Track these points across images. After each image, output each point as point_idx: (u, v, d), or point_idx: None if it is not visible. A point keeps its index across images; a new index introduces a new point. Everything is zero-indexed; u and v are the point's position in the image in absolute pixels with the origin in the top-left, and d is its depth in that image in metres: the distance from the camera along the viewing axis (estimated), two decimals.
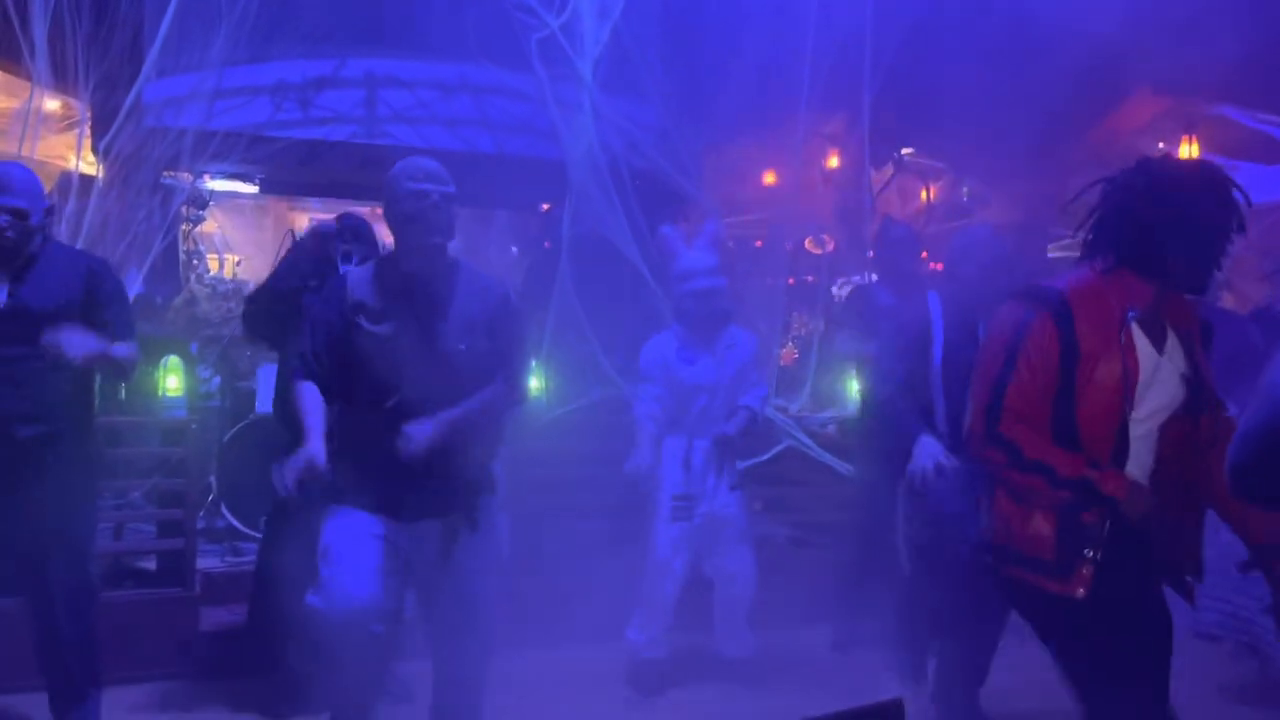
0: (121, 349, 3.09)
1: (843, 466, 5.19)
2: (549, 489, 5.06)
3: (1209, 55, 6.66)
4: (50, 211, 3.20)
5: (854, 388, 5.39)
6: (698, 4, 5.43)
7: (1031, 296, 2.20)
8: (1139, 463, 2.24)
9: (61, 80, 4.56)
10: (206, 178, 6.24)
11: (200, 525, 4.73)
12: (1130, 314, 2.16)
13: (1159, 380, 2.20)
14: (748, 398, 4.17)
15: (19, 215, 3.00)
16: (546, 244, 6.29)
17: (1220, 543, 4.31)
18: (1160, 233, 2.16)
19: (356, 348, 2.77)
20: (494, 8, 4.97)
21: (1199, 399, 2.23)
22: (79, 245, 4.57)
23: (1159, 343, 2.22)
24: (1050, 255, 9.63)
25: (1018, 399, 2.17)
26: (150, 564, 4.44)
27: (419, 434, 2.71)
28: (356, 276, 2.88)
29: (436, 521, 2.83)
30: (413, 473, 2.72)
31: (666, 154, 5.28)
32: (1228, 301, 8.23)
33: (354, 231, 3.79)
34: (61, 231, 4.62)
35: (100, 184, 4.82)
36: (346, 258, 3.70)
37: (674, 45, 5.30)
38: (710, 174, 6.28)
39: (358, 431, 2.79)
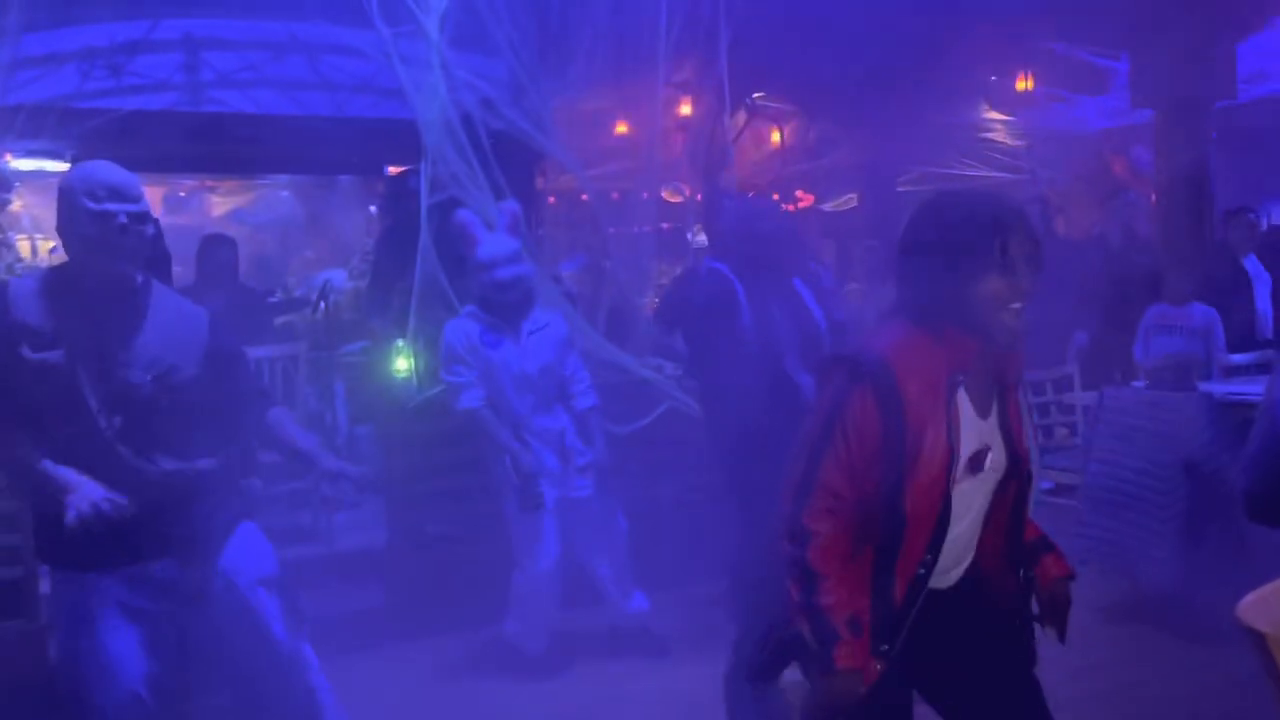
0: None
1: None
2: (425, 473, 4.86)
3: None
4: None
5: None
6: None
7: (852, 362, 1.96)
8: (961, 536, 2.04)
9: None
10: (9, 157, 5.64)
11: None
12: (956, 377, 1.95)
13: (984, 446, 2.01)
14: (580, 399, 4.06)
15: None
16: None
17: (1090, 472, 4.51)
18: (932, 281, 1.95)
19: (19, 379, 2.40)
20: None
21: (1014, 463, 2.05)
22: None
23: (983, 405, 2.02)
24: (900, 190, 9.88)
25: (834, 473, 1.92)
26: None
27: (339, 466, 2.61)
28: (18, 290, 2.48)
29: (175, 558, 2.57)
30: (135, 518, 2.41)
31: (522, 111, 5.03)
32: (1060, 228, 8.62)
33: None
34: None
35: None
36: None
37: None
38: (563, 126, 6.06)
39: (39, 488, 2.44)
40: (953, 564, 2.04)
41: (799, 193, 10.75)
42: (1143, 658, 3.95)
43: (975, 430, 1.98)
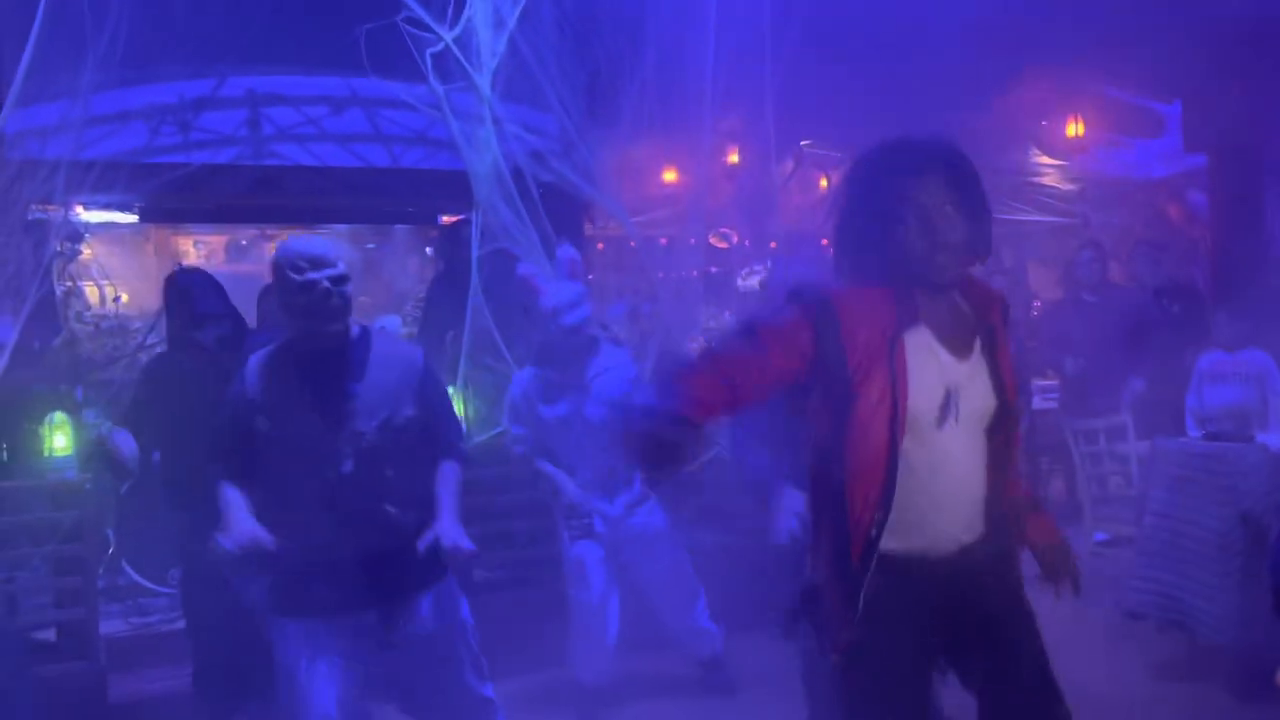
0: None
1: None
2: (474, 518, 4.90)
3: (1090, 35, 6.84)
4: None
5: None
6: (593, 7, 5.30)
7: (796, 295, 1.94)
8: (959, 494, 1.97)
9: None
10: (80, 209, 5.87)
11: (100, 584, 4.45)
12: (903, 327, 1.91)
13: (961, 389, 1.95)
14: None
15: None
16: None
17: (1144, 524, 4.43)
18: (862, 225, 1.95)
19: (264, 451, 2.68)
20: (384, 22, 4.76)
21: (1003, 404, 1.99)
22: None
23: (960, 347, 1.97)
24: None
25: (728, 361, 1.88)
26: (49, 635, 4.14)
27: (452, 538, 2.71)
28: (254, 369, 2.75)
29: (391, 608, 2.75)
30: (356, 566, 2.63)
31: (571, 164, 5.15)
32: (1116, 276, 8.52)
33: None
34: None
35: None
36: None
37: (571, 49, 5.15)
38: (611, 174, 6.19)
39: (289, 530, 2.65)
40: (956, 526, 1.95)
41: None
42: (1198, 714, 3.85)
43: (943, 376, 1.92)
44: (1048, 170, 9.73)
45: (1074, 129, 8.24)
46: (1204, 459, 4.23)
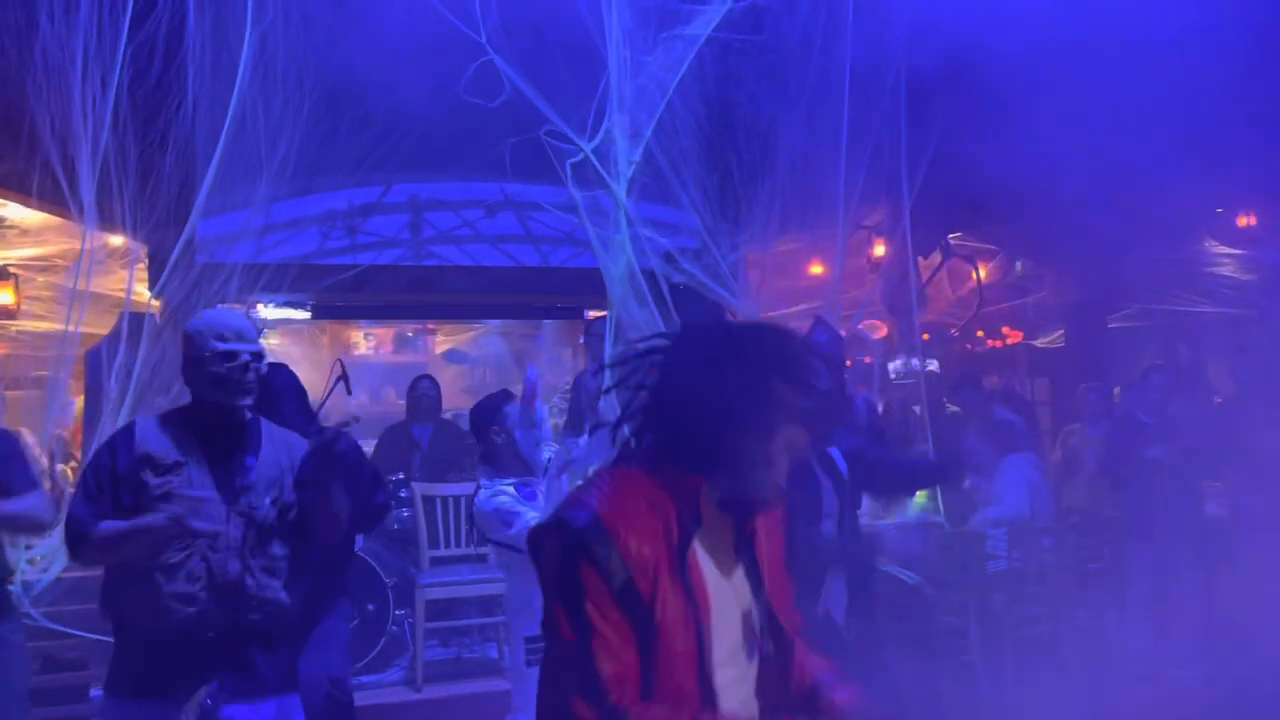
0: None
1: (909, 575, 5.03)
2: None
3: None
4: None
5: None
6: (729, 111, 5.49)
7: (561, 526, 1.58)
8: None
9: (110, 227, 4.73)
10: (259, 306, 6.41)
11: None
12: (692, 526, 1.62)
13: (727, 613, 1.66)
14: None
15: None
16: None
17: None
18: (697, 417, 1.61)
19: (142, 503, 2.61)
20: (531, 135, 5.06)
21: (770, 638, 1.71)
22: (132, 386, 4.67)
23: (725, 562, 1.68)
24: (1111, 327, 9.43)
25: (610, 659, 1.54)
26: None
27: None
28: (144, 426, 2.72)
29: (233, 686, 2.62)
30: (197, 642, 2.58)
31: (703, 266, 5.31)
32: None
33: None
34: (114, 371, 4.73)
35: (156, 324, 4.95)
36: None
37: (704, 154, 5.34)
38: (756, 268, 6.29)
39: (136, 601, 2.62)
40: None
41: (1005, 329, 10.48)
42: None
43: (723, 593, 1.65)
44: (1224, 260, 9.23)
45: (1244, 221, 7.83)
46: None
